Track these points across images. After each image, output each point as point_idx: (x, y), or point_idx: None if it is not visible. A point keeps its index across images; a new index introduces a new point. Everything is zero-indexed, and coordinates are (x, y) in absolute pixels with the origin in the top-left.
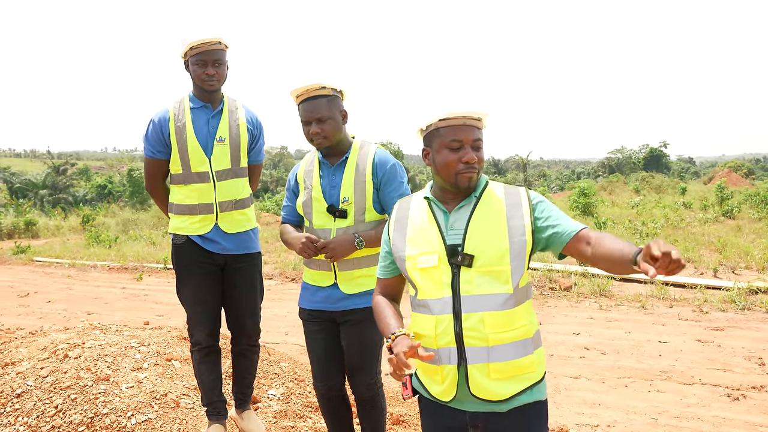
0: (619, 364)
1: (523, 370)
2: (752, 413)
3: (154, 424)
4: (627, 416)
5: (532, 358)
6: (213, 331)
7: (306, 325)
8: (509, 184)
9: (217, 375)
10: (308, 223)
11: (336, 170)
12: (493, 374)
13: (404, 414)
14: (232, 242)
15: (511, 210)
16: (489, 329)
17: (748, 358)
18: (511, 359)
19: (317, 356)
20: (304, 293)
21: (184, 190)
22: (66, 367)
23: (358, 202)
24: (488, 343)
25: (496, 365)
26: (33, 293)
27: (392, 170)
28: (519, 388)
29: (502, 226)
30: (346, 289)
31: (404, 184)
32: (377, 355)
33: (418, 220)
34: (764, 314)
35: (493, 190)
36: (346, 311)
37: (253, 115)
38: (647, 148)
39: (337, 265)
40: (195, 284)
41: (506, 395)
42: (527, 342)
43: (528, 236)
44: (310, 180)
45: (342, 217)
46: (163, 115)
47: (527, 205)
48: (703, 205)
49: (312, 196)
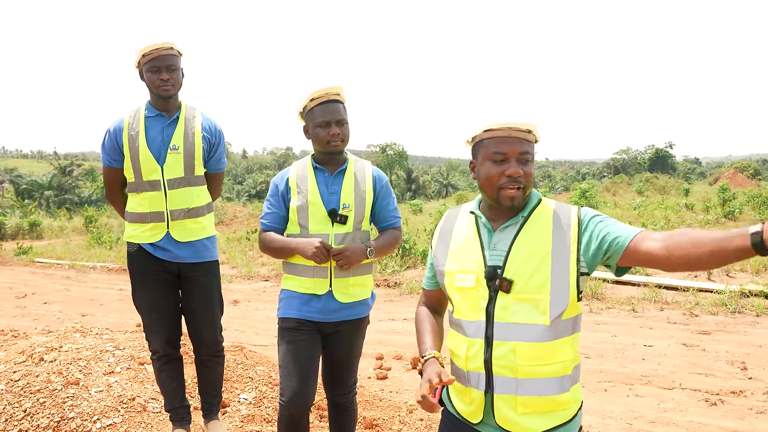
0: (602, 368)
1: (555, 407)
2: (728, 419)
3: (119, 428)
4: (603, 421)
5: (567, 396)
6: (170, 338)
7: (291, 334)
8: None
9: (178, 382)
10: (299, 229)
11: (335, 178)
12: (520, 408)
13: (377, 418)
14: (184, 251)
15: (558, 233)
16: (520, 360)
17: (731, 362)
18: (542, 395)
19: (301, 370)
20: (290, 302)
21: (136, 198)
22: (39, 371)
23: (358, 210)
24: (517, 375)
25: (524, 399)
26: (31, 294)
27: (387, 186)
28: (549, 425)
29: (545, 252)
30: (340, 297)
31: (395, 200)
32: (358, 363)
33: (463, 235)
34: (754, 318)
35: (543, 210)
36: (338, 323)
37: (212, 123)
38: (653, 149)
39: (333, 272)
40: (149, 292)
41: (534, 431)
42: (564, 379)
43: (572, 264)
44: (305, 185)
45: (342, 222)
46: (118, 124)
47: (575, 228)
48: (705, 207)
49: (309, 200)
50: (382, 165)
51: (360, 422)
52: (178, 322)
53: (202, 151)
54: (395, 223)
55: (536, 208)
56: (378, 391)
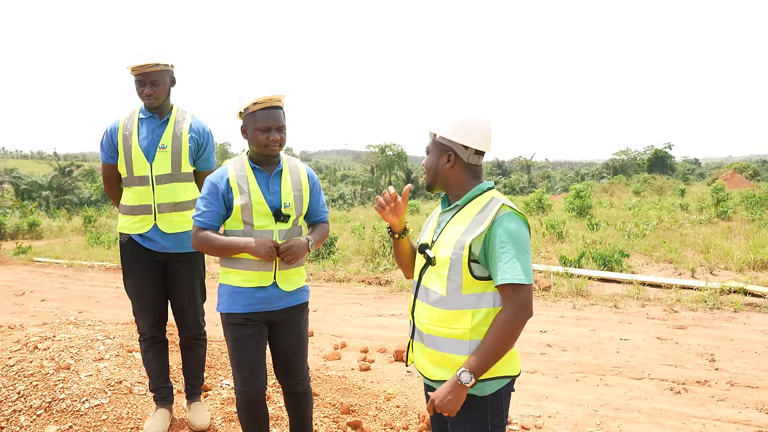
0: (576, 360)
1: (452, 364)
2: (689, 406)
3: (106, 408)
4: (570, 408)
5: (464, 359)
6: (157, 322)
7: (238, 330)
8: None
9: (162, 363)
10: (243, 226)
11: (274, 179)
12: (427, 356)
13: (354, 404)
14: (171, 242)
15: (471, 226)
16: (424, 318)
17: (700, 354)
18: (439, 350)
19: (251, 362)
20: (234, 298)
21: (128, 192)
22: (33, 357)
23: (297, 208)
24: (423, 329)
25: (428, 350)
26: (29, 292)
27: (319, 183)
28: (446, 376)
29: (457, 238)
30: (284, 287)
31: (324, 196)
32: (307, 348)
33: (435, 214)
34: (731, 314)
35: (477, 202)
36: (284, 310)
37: (200, 125)
38: (652, 150)
39: (277, 265)
40: (137, 279)
41: (434, 377)
42: (462, 343)
43: (466, 252)
44: (245, 185)
45: (284, 221)
46: (114, 125)
47: (485, 229)
48: (700, 207)
49: (253, 200)
50: (382, 165)
51: (337, 407)
52: (164, 308)
53: (189, 150)
54: (324, 217)
55: (474, 199)
56: (359, 381)
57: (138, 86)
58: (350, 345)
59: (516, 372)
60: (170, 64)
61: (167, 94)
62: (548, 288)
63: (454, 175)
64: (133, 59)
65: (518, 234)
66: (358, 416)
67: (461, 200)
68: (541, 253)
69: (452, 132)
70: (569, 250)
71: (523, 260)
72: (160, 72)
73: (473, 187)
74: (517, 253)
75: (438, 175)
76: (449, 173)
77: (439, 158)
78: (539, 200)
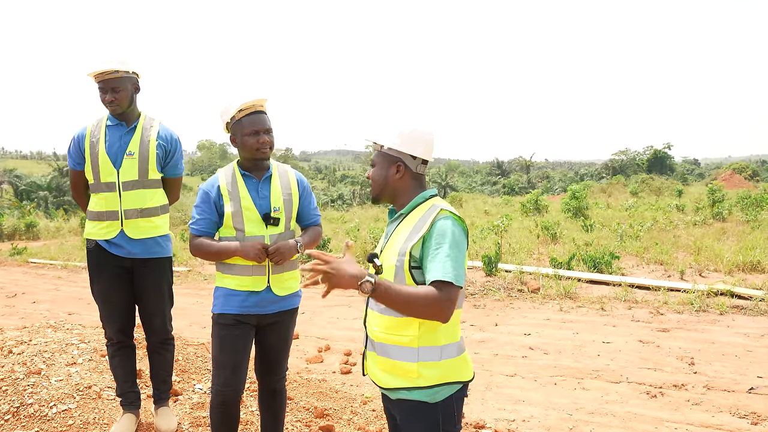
0: (557, 364)
1: (402, 372)
2: (664, 410)
3: (73, 413)
4: (545, 412)
5: (414, 366)
6: (123, 327)
7: (227, 330)
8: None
9: (129, 368)
10: (235, 232)
11: (263, 184)
12: (379, 364)
13: (329, 408)
14: (137, 247)
15: (413, 233)
16: (375, 327)
17: (680, 358)
18: (388, 357)
19: (234, 362)
20: (229, 300)
21: (95, 198)
22: (5, 362)
23: (287, 212)
24: (374, 337)
25: (380, 358)
26: (21, 294)
27: (308, 188)
28: (397, 384)
29: (400, 245)
30: (278, 291)
31: (315, 200)
32: (290, 350)
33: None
34: (717, 316)
35: (419, 210)
36: (275, 313)
37: (168, 133)
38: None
39: (271, 269)
40: (104, 284)
41: (387, 385)
42: (411, 351)
43: (407, 258)
44: (236, 192)
45: (274, 224)
46: (81, 132)
47: (423, 233)
48: (696, 208)
49: (243, 206)
50: None
51: (311, 411)
52: (131, 313)
53: (156, 157)
54: (316, 220)
55: (416, 208)
56: (339, 385)
57: (100, 93)
58: (334, 348)
59: (468, 377)
60: (132, 71)
61: (130, 101)
62: (537, 290)
63: (402, 185)
64: (93, 66)
65: (454, 235)
66: (331, 420)
67: (405, 209)
68: (533, 254)
69: (400, 143)
70: (561, 252)
71: (456, 260)
72: (121, 79)
73: (416, 195)
74: (451, 253)
75: (387, 186)
76: (398, 184)
77: (387, 169)
78: (535, 201)
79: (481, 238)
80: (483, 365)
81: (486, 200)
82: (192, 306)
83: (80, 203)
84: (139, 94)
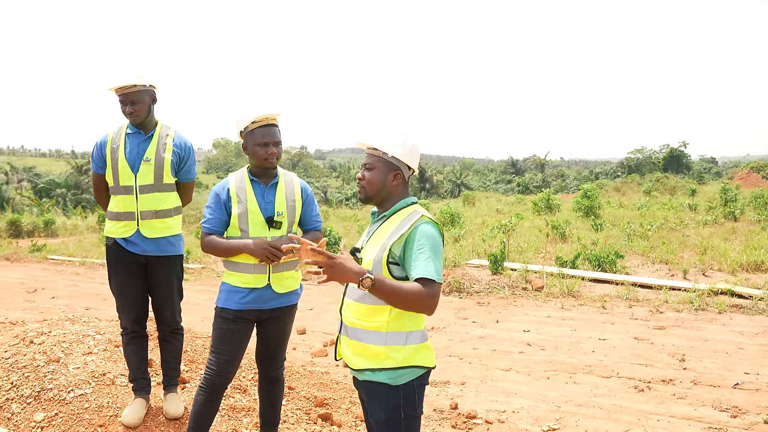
0: (552, 359)
1: (370, 354)
2: (649, 403)
3: (89, 398)
4: (535, 404)
5: (381, 349)
6: (137, 318)
7: (227, 323)
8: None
9: (141, 356)
10: (240, 233)
11: (269, 190)
12: (350, 347)
13: (329, 398)
14: (151, 246)
15: (394, 233)
16: (350, 314)
17: (672, 354)
18: (359, 341)
19: (232, 353)
20: (230, 296)
21: (114, 200)
22: (27, 351)
23: (290, 216)
24: (348, 323)
25: (352, 341)
26: (40, 289)
27: (312, 195)
28: (365, 365)
29: (381, 243)
30: (277, 289)
31: (317, 207)
32: (287, 343)
33: (369, 225)
34: (715, 315)
35: (401, 213)
36: (273, 309)
37: (182, 140)
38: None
39: (271, 268)
40: (121, 279)
41: (356, 366)
42: (380, 335)
43: (386, 254)
44: (243, 195)
45: (277, 227)
46: (103, 139)
47: (404, 235)
48: (708, 207)
49: (248, 208)
50: None
51: (311, 400)
52: (145, 305)
53: (171, 163)
54: (317, 226)
55: (398, 211)
56: (341, 377)
57: (121, 105)
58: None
59: (431, 365)
60: (149, 84)
61: (148, 112)
62: (540, 288)
63: (395, 190)
64: (113, 81)
65: (434, 239)
66: (330, 409)
67: (389, 211)
68: (541, 253)
69: (403, 153)
70: (569, 251)
71: (437, 262)
72: (139, 92)
73: (401, 200)
74: (432, 255)
75: (383, 190)
76: (393, 189)
77: (386, 175)
78: (547, 200)
79: (491, 237)
80: (480, 360)
81: (499, 199)
82: (205, 302)
83: (101, 203)
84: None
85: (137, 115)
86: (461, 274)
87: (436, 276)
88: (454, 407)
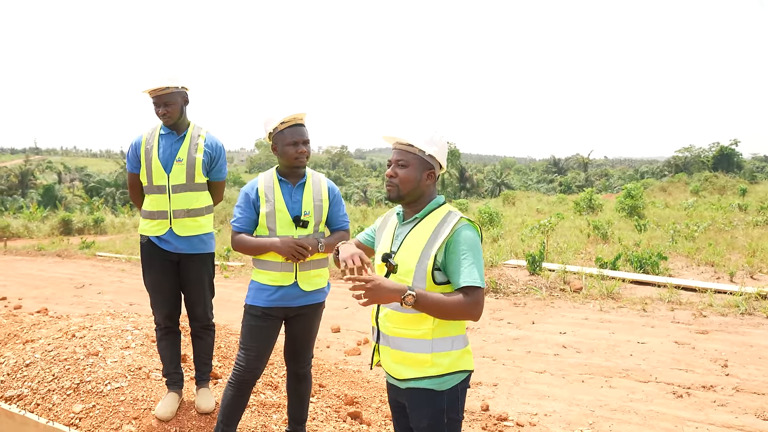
0: (587, 362)
1: (416, 363)
2: (687, 410)
3: (125, 391)
4: (568, 407)
5: (427, 357)
6: (170, 314)
7: (256, 320)
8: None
9: (174, 351)
10: (268, 231)
11: (297, 190)
12: (392, 356)
13: (359, 396)
14: (184, 244)
15: (433, 237)
16: (390, 323)
17: (714, 360)
18: (402, 350)
19: (260, 349)
20: (258, 293)
21: (148, 199)
22: (69, 344)
23: (317, 216)
24: (388, 332)
25: (393, 351)
26: (88, 285)
27: (339, 195)
28: (411, 375)
29: (420, 248)
30: (304, 287)
31: (344, 207)
32: (315, 341)
33: (388, 225)
34: (762, 319)
35: (435, 215)
36: (300, 307)
37: (214, 141)
38: (717, 147)
39: (298, 266)
40: (154, 275)
41: (401, 376)
42: (424, 343)
43: (431, 261)
44: (272, 195)
45: (303, 227)
46: (138, 139)
47: (445, 239)
48: (760, 207)
49: (276, 207)
50: None
51: (341, 398)
52: (178, 301)
53: (202, 163)
54: (344, 226)
55: (431, 213)
56: (372, 376)
57: (154, 107)
58: (373, 342)
59: (473, 367)
60: (181, 86)
61: (180, 113)
62: (579, 290)
63: (428, 190)
64: (146, 84)
65: (475, 243)
66: (360, 407)
67: (421, 213)
68: (581, 254)
69: (438, 151)
70: (610, 252)
71: (479, 266)
72: (172, 94)
73: (431, 200)
74: (475, 261)
75: (417, 189)
76: (426, 188)
77: (421, 173)
78: (589, 199)
79: (530, 237)
80: (514, 361)
81: (540, 198)
82: (244, 300)
83: (136, 202)
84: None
85: (170, 117)
86: (498, 275)
87: (480, 282)
88: (485, 409)
